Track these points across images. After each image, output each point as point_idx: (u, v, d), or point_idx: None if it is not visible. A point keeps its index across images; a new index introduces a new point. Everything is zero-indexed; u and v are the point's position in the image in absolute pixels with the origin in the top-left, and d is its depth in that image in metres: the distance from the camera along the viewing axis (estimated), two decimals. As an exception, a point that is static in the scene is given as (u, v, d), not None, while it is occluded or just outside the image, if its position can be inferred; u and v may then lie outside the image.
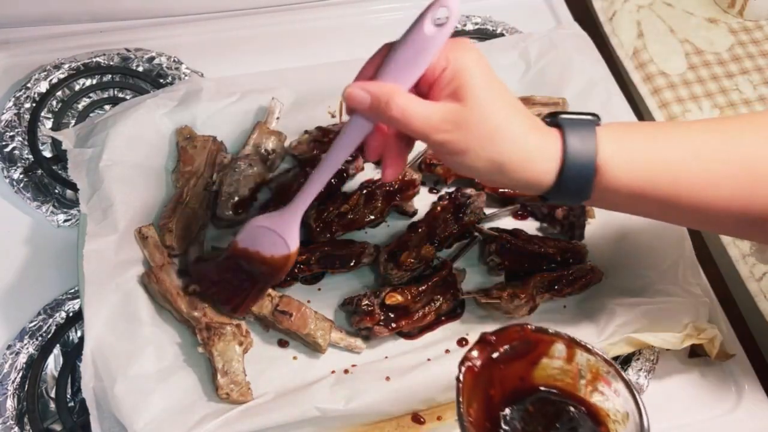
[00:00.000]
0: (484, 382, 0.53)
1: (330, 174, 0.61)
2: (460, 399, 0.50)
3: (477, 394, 0.53)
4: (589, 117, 0.57)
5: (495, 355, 0.53)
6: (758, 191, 0.55)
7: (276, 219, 0.65)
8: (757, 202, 0.56)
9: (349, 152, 0.60)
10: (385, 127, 0.60)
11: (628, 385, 0.51)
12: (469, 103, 0.53)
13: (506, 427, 0.53)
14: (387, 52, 0.55)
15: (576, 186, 0.56)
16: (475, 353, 0.53)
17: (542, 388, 0.56)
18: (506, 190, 0.81)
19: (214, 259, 0.70)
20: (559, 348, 0.54)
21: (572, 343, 0.53)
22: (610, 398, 0.53)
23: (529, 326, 0.54)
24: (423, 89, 0.56)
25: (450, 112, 0.54)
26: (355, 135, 0.59)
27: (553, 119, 0.57)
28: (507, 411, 0.54)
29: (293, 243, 0.65)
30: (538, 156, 0.55)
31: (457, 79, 0.54)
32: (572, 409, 0.55)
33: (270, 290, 0.71)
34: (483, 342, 0.53)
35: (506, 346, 0.54)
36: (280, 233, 0.65)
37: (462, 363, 0.52)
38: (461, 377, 0.51)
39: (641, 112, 0.94)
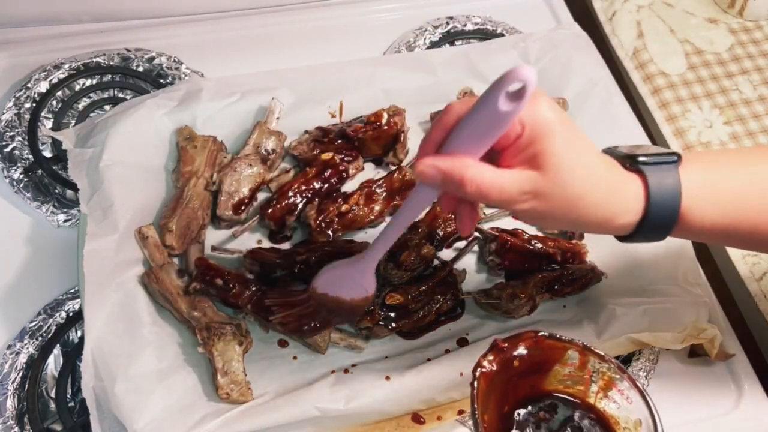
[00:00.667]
0: (497, 388, 0.53)
1: (403, 229, 0.59)
2: (476, 405, 0.50)
3: (490, 400, 0.53)
4: (669, 157, 0.55)
5: (507, 361, 0.53)
6: None
7: (355, 265, 0.64)
8: None
9: (417, 215, 0.58)
10: None
11: (641, 392, 0.51)
12: (548, 172, 0.50)
13: (515, 428, 0.54)
14: (455, 118, 0.51)
15: (657, 231, 0.55)
16: (489, 359, 0.53)
17: (554, 394, 0.56)
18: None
19: (287, 294, 0.70)
20: (572, 355, 0.54)
21: (586, 351, 0.53)
22: (622, 406, 0.53)
23: (542, 333, 0.54)
24: (494, 152, 0.52)
25: (528, 183, 0.51)
26: (424, 201, 0.55)
27: (634, 163, 0.54)
28: (518, 416, 0.55)
29: (371, 287, 0.65)
30: (620, 213, 0.53)
31: (534, 145, 0.50)
32: (582, 415, 0.55)
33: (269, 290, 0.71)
34: (496, 348, 0.54)
35: (519, 352, 0.54)
36: (358, 279, 0.65)
37: (476, 369, 0.52)
38: (476, 383, 0.51)
39: (641, 112, 0.94)
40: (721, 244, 0.60)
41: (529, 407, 0.55)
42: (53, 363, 0.71)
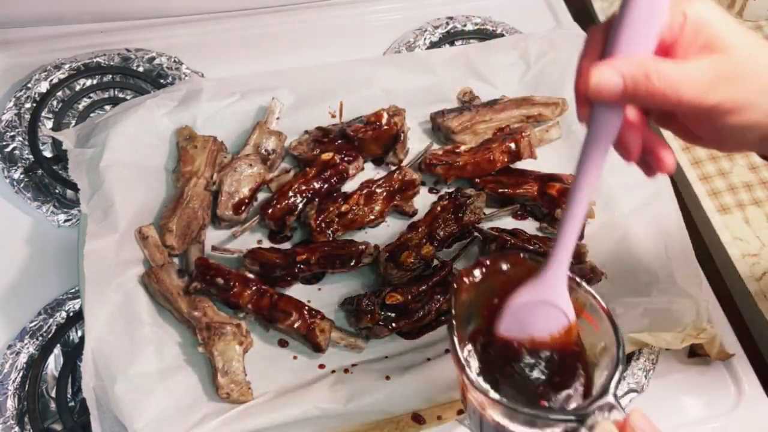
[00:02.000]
0: (476, 302, 0.53)
1: (585, 204, 0.47)
2: (453, 308, 0.50)
3: (469, 313, 0.53)
4: None
5: (489, 276, 0.53)
6: None
7: (540, 288, 0.50)
8: None
9: (603, 162, 0.45)
10: (631, 116, 0.47)
11: (609, 316, 0.49)
12: (734, 52, 0.44)
13: (481, 353, 0.53)
14: (605, 26, 0.45)
15: None
16: (474, 272, 0.53)
17: None
18: (506, 190, 0.81)
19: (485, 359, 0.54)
20: None
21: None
22: (589, 333, 0.52)
23: (523, 254, 0.53)
24: (663, 51, 0.45)
25: (716, 67, 0.44)
26: (607, 137, 0.45)
27: None
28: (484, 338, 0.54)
29: (571, 312, 0.50)
30: None
31: (703, 31, 0.45)
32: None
33: (269, 290, 0.71)
34: (479, 264, 0.53)
35: (500, 267, 0.53)
36: (551, 302, 0.50)
37: (456, 279, 0.53)
38: (455, 293, 0.51)
39: (641, 112, 0.94)
40: None
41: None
42: (53, 363, 0.71)
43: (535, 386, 0.51)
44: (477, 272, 0.53)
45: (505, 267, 0.53)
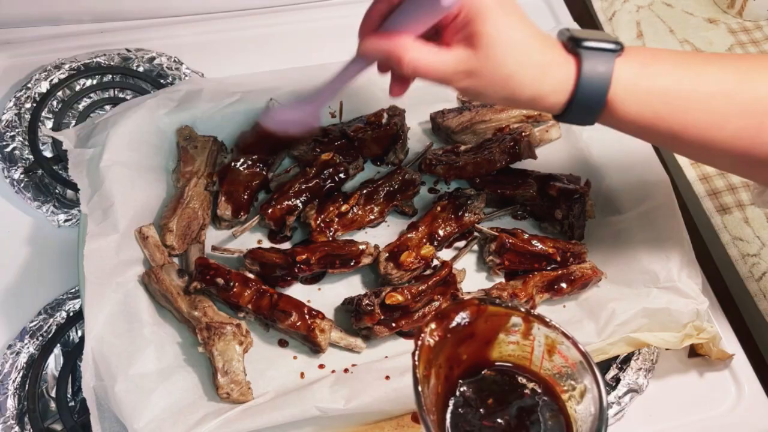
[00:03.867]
0: (441, 356, 0.53)
1: (336, 91, 0.65)
2: (418, 381, 0.49)
3: (434, 368, 0.52)
4: (611, 45, 0.56)
5: (451, 327, 0.53)
6: (763, 132, 0.55)
7: (300, 109, 0.68)
8: (761, 143, 0.56)
9: (351, 80, 0.64)
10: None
11: (585, 357, 0.50)
12: (482, 52, 0.54)
13: (459, 398, 0.53)
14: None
15: (584, 114, 0.58)
16: (432, 326, 0.52)
17: (498, 365, 0.55)
18: (506, 190, 0.81)
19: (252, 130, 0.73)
20: (516, 321, 0.53)
21: (529, 317, 0.53)
22: (566, 373, 0.52)
23: (483, 299, 0.54)
24: (435, 28, 0.56)
25: (463, 62, 0.54)
26: (361, 70, 0.62)
27: (575, 47, 0.57)
28: (462, 387, 0.54)
29: (317, 123, 0.69)
30: (549, 92, 0.56)
31: (471, 25, 0.53)
32: (526, 383, 0.54)
33: (269, 290, 0.71)
34: (440, 317, 0.53)
35: (462, 319, 0.53)
36: (306, 119, 0.69)
37: (418, 335, 0.51)
38: (417, 352, 0.50)
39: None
40: (645, 140, 0.63)
41: (473, 376, 0.54)
42: (53, 363, 0.71)
43: None
44: (436, 328, 0.53)
45: (462, 318, 0.53)
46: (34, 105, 0.86)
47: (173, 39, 0.94)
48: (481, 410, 0.53)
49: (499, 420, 0.52)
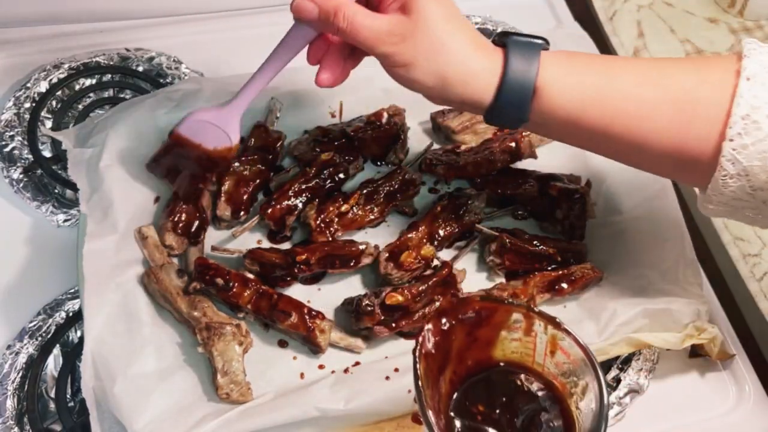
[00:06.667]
0: (443, 354, 0.52)
1: (270, 76, 0.66)
2: (419, 379, 0.49)
3: (436, 372, 0.52)
4: (537, 40, 0.59)
5: (453, 324, 0.53)
6: (691, 131, 0.56)
7: (217, 114, 0.69)
8: (689, 142, 0.56)
9: (292, 56, 0.65)
10: (332, 38, 0.63)
11: (585, 352, 0.50)
12: (415, 16, 0.56)
13: (462, 398, 0.53)
14: None
15: (514, 107, 0.58)
16: (433, 324, 0.52)
17: (501, 364, 0.55)
18: (506, 190, 0.81)
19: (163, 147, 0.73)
20: (517, 317, 0.53)
21: (530, 312, 0.52)
22: (567, 371, 0.52)
23: (483, 296, 0.54)
24: (372, 1, 0.59)
25: (396, 25, 0.57)
26: (300, 41, 0.63)
27: (501, 39, 0.59)
28: (465, 387, 0.54)
29: (235, 137, 0.70)
30: (479, 72, 0.57)
31: None
32: (529, 382, 0.54)
33: (269, 290, 0.71)
34: (442, 314, 0.53)
35: (464, 316, 0.53)
36: (222, 128, 0.69)
37: (419, 333, 0.51)
38: (418, 349, 0.50)
39: (641, 112, 0.94)
40: (573, 142, 0.63)
41: (476, 377, 0.54)
42: (53, 363, 0.71)
43: None
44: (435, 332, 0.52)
45: (464, 315, 0.53)
46: (34, 105, 0.86)
47: (172, 38, 0.94)
48: (483, 410, 0.53)
49: (502, 420, 0.52)
